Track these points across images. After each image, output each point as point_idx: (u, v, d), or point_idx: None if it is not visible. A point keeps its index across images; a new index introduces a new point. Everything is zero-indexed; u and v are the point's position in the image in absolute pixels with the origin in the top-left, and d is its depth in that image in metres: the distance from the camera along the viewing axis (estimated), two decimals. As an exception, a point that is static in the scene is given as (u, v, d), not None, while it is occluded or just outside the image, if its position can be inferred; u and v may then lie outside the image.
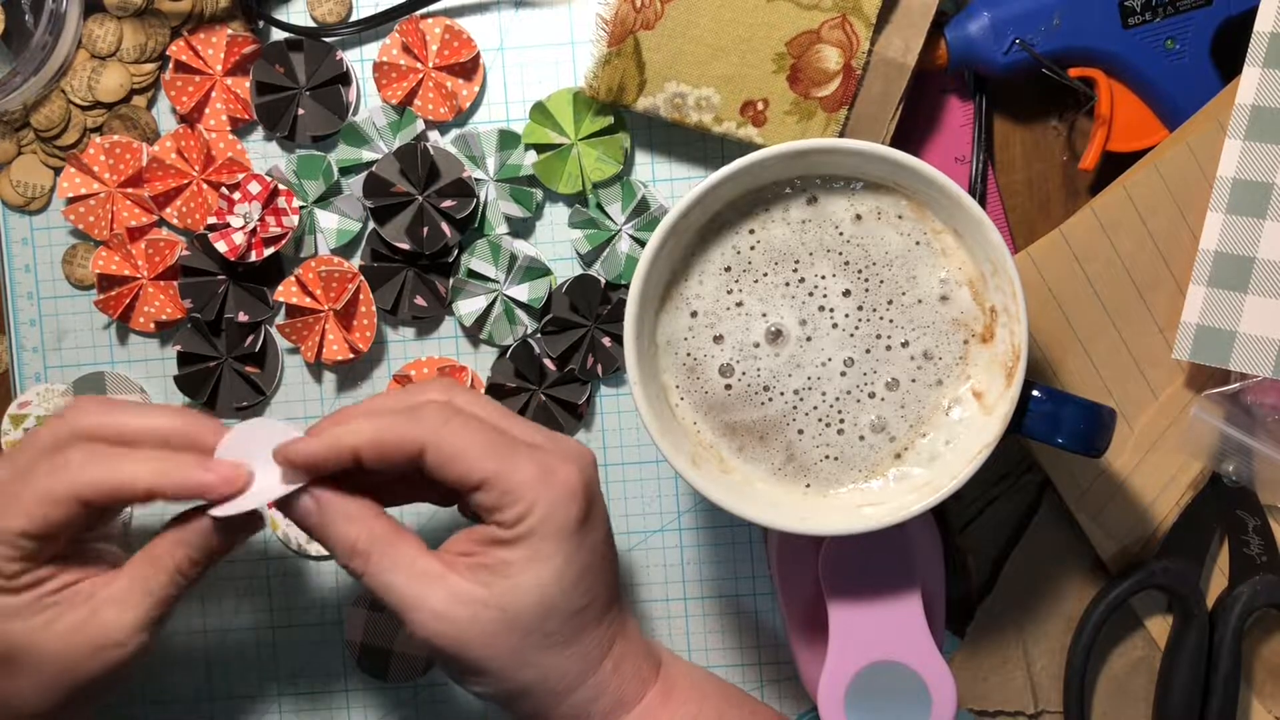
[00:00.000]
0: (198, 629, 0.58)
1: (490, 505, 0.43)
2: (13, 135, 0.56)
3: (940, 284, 0.47)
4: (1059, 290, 0.54)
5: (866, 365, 0.47)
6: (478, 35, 0.56)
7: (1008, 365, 0.46)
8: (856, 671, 0.48)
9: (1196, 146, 0.53)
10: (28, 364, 0.57)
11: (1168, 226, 0.54)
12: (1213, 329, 0.52)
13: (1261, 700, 0.56)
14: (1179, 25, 0.53)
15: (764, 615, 0.58)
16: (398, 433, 0.43)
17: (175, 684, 0.58)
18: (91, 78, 0.55)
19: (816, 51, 0.52)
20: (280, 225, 0.54)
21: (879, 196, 0.47)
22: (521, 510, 0.42)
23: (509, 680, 0.43)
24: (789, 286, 0.47)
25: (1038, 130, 0.57)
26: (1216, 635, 0.54)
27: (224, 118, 0.56)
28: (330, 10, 0.56)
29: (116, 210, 0.56)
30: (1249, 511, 0.55)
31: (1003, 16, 0.53)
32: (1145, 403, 0.55)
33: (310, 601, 0.58)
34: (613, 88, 0.53)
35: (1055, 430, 0.45)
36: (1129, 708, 0.56)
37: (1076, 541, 0.56)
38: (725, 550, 0.58)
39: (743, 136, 0.53)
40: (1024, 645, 0.56)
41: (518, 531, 0.43)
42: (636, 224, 0.55)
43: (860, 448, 0.48)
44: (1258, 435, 0.54)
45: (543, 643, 0.43)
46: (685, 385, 0.48)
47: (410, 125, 0.55)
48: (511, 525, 0.43)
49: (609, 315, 0.55)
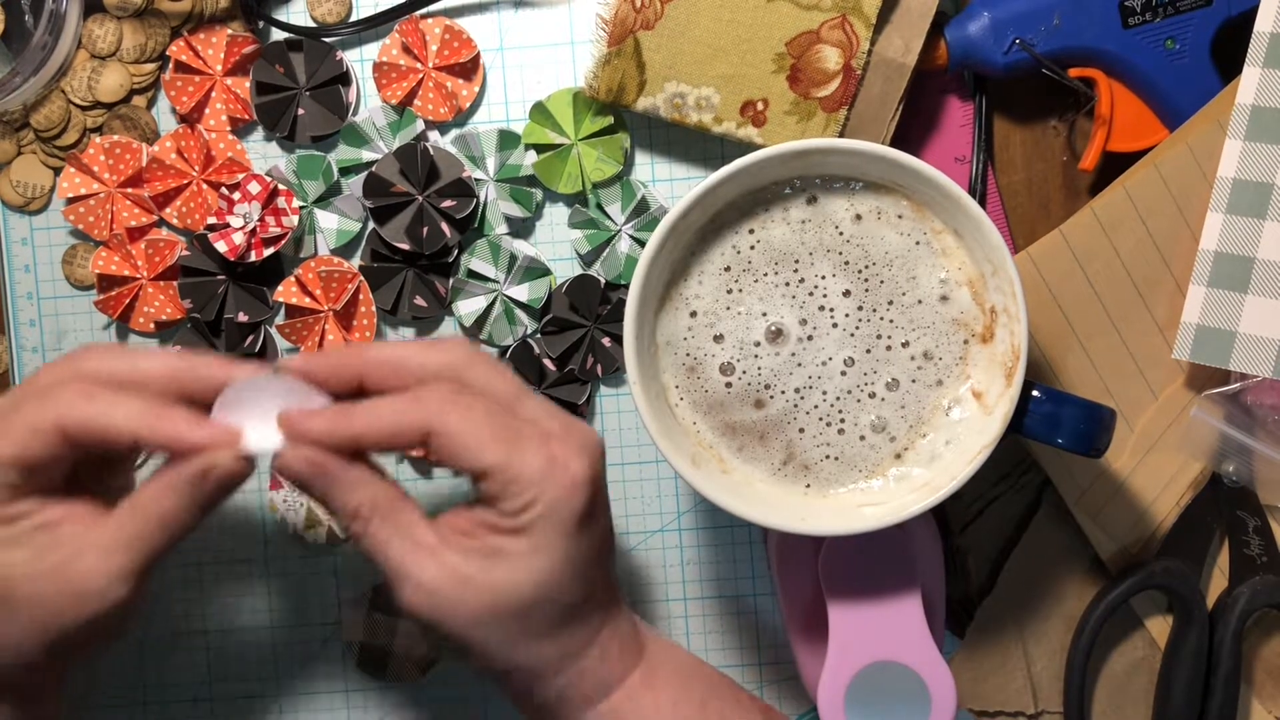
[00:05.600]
0: (198, 629, 0.58)
1: (494, 494, 0.42)
2: (13, 135, 0.56)
3: (940, 284, 0.47)
4: (1059, 290, 0.54)
5: (867, 365, 0.47)
6: (478, 35, 0.56)
7: (1008, 365, 0.46)
8: (856, 672, 0.48)
9: (1196, 146, 0.53)
10: (28, 364, 0.57)
11: (1168, 226, 0.54)
12: (1213, 329, 0.52)
13: (1261, 700, 0.56)
14: (1179, 25, 0.53)
15: (764, 615, 0.58)
16: (403, 422, 0.42)
17: (175, 684, 0.58)
18: (91, 78, 0.55)
19: (816, 51, 0.52)
20: (280, 225, 0.54)
21: (879, 196, 0.47)
22: (525, 502, 0.42)
23: (492, 660, 0.43)
24: (789, 286, 0.47)
25: (1038, 130, 0.57)
26: (1216, 635, 0.54)
27: (224, 118, 0.56)
28: (330, 10, 0.56)
29: (116, 210, 0.56)
30: (1249, 511, 0.55)
31: (1003, 16, 0.53)
32: (1145, 403, 0.55)
33: (310, 601, 0.58)
34: (613, 88, 0.53)
35: (1055, 430, 0.45)
36: (1129, 708, 0.56)
37: (1076, 541, 0.56)
38: (725, 550, 0.58)
39: (743, 136, 0.53)
40: (1024, 645, 0.56)
41: (519, 522, 0.42)
42: (636, 224, 0.55)
43: (860, 448, 0.48)
44: (1258, 435, 0.54)
45: (530, 630, 0.43)
46: (685, 385, 0.48)
47: (410, 125, 0.55)
48: (513, 515, 0.42)
49: (609, 315, 0.55)
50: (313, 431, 0.43)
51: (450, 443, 0.42)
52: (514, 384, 0.45)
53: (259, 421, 0.43)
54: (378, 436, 0.42)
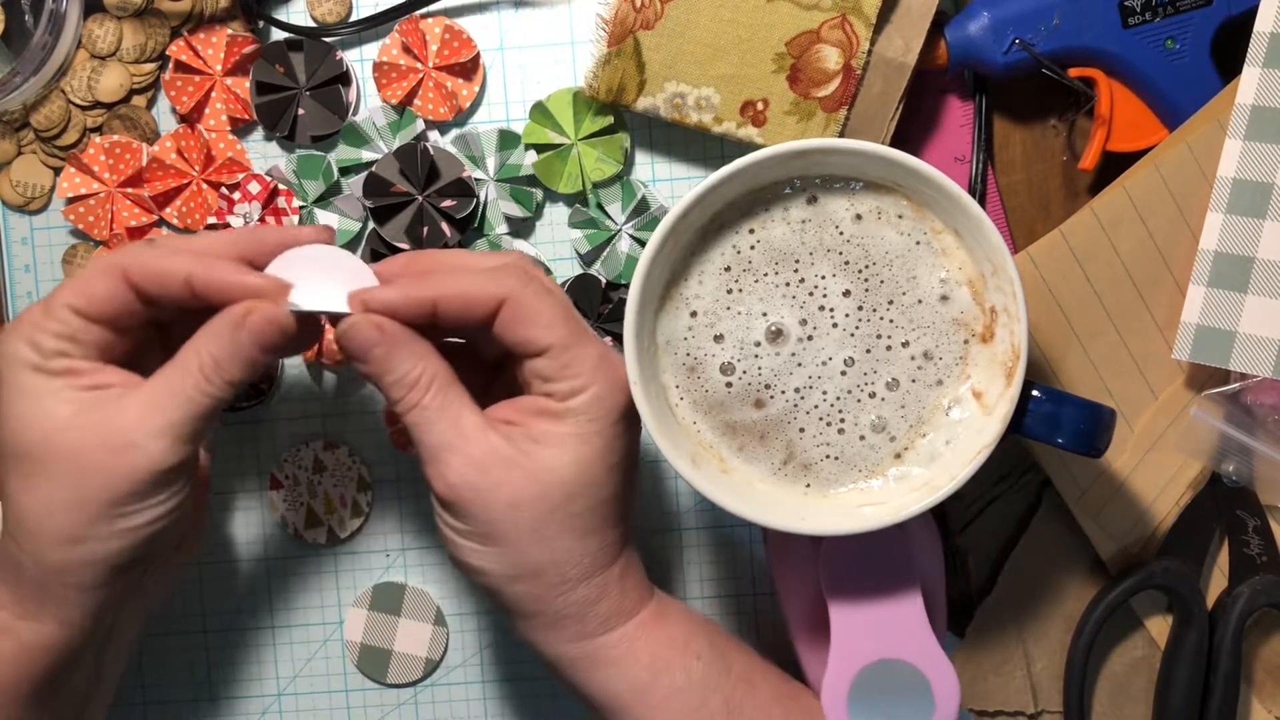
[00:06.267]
0: (197, 629, 0.58)
1: (549, 374, 0.43)
2: (13, 135, 0.56)
3: (940, 284, 0.47)
4: (1059, 290, 0.54)
5: (867, 365, 0.47)
6: (478, 35, 0.56)
7: (1008, 365, 0.46)
8: (859, 670, 0.48)
9: (1196, 146, 0.53)
10: (28, 364, 0.57)
11: (1168, 226, 0.54)
12: (1213, 329, 0.52)
13: (1261, 700, 0.56)
14: (1179, 25, 0.53)
15: (764, 615, 0.58)
16: (481, 288, 0.43)
17: (175, 684, 0.58)
18: (91, 78, 0.55)
19: (816, 51, 0.52)
20: (280, 225, 0.54)
21: (879, 196, 0.47)
22: (578, 385, 0.43)
23: (522, 554, 0.43)
24: (789, 286, 0.47)
25: (1038, 130, 0.57)
26: (1216, 635, 0.54)
27: (224, 118, 0.56)
28: (330, 10, 0.56)
29: (116, 210, 0.56)
30: (1249, 511, 0.55)
31: (1003, 16, 0.53)
32: (1145, 403, 0.55)
33: (310, 601, 0.58)
34: (613, 88, 0.53)
35: (1055, 430, 0.45)
36: (1129, 708, 0.56)
37: (1076, 541, 0.56)
38: (725, 550, 0.58)
39: (743, 136, 0.53)
40: (1024, 645, 0.56)
41: (569, 405, 0.43)
42: (637, 224, 0.55)
43: (860, 447, 0.48)
44: (1258, 435, 0.54)
45: (566, 522, 0.43)
46: (685, 385, 0.48)
47: (410, 125, 0.55)
48: (564, 398, 0.43)
49: (609, 315, 0.55)
50: (389, 299, 0.43)
51: (523, 313, 0.43)
52: (566, 299, 0.46)
53: (316, 286, 0.43)
54: (457, 300, 0.43)
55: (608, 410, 0.44)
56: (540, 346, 0.43)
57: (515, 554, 0.43)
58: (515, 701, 0.58)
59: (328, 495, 0.57)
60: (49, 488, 0.42)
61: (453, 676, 0.58)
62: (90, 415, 0.42)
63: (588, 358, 0.44)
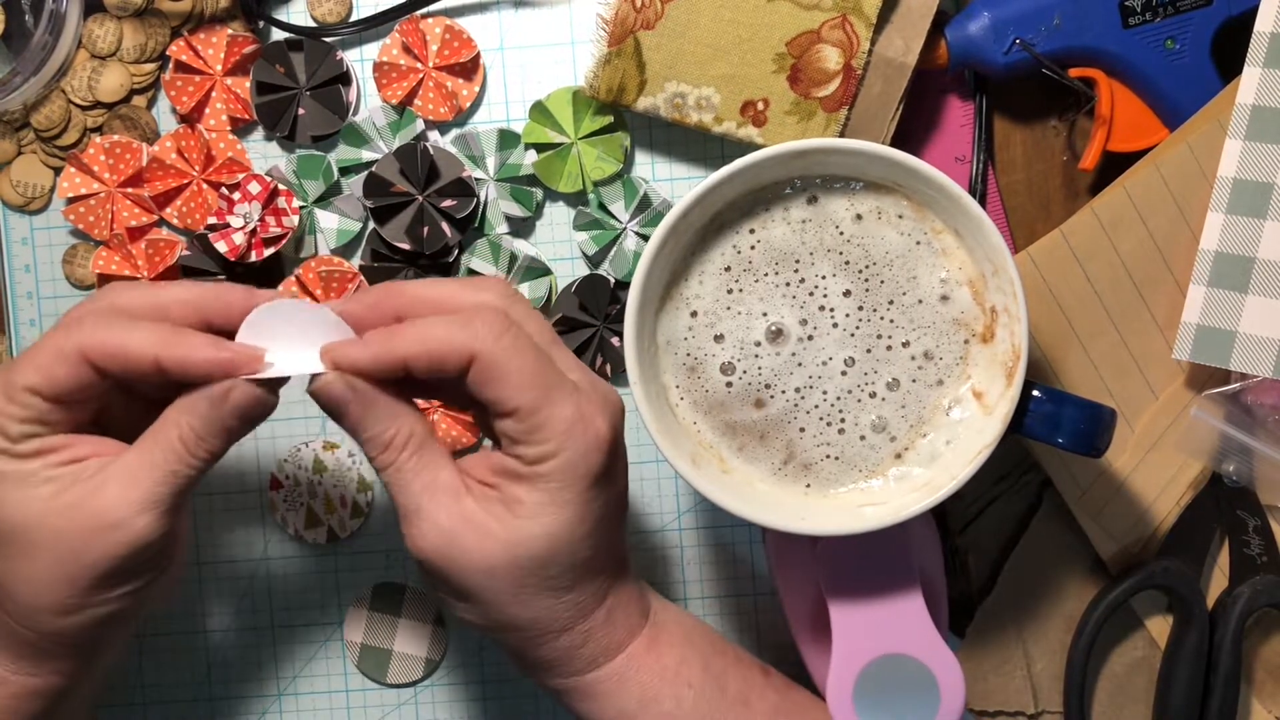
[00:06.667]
0: (198, 629, 0.58)
1: (516, 436, 0.42)
2: (13, 135, 0.56)
3: (940, 284, 0.47)
4: (1059, 290, 0.54)
5: (867, 365, 0.47)
6: (478, 35, 0.56)
7: (1008, 365, 0.46)
8: (863, 667, 0.48)
9: (1196, 146, 0.53)
10: (28, 364, 0.57)
11: (1168, 226, 0.54)
12: (1213, 329, 0.52)
13: (1261, 700, 0.56)
14: (1179, 25, 0.53)
15: (764, 615, 0.58)
16: (452, 343, 0.41)
17: (175, 684, 0.58)
18: (91, 78, 0.55)
19: (816, 51, 0.52)
20: (280, 225, 0.54)
21: (879, 196, 0.47)
22: (548, 450, 0.42)
23: (500, 612, 0.43)
24: (789, 286, 0.47)
25: (1038, 130, 0.57)
26: (1216, 635, 0.54)
27: (224, 118, 0.56)
28: (330, 10, 0.56)
29: (116, 210, 0.56)
30: (1249, 511, 0.55)
31: (1003, 16, 0.53)
32: (1145, 403, 0.55)
33: (310, 601, 0.58)
34: (613, 88, 0.53)
35: (1055, 430, 0.45)
36: (1129, 708, 0.56)
37: (1076, 541, 0.56)
38: (725, 550, 0.58)
39: (743, 136, 0.53)
40: (1024, 645, 0.56)
41: (537, 471, 0.42)
42: (641, 220, 0.55)
43: (861, 447, 0.48)
44: (1258, 435, 0.54)
45: (541, 585, 0.43)
46: (685, 385, 0.48)
47: (410, 125, 0.55)
48: (532, 463, 0.42)
49: (618, 315, 0.55)
50: (358, 359, 0.42)
51: (492, 372, 0.41)
52: (549, 330, 0.45)
53: (286, 346, 0.42)
54: (425, 359, 0.41)
55: (579, 476, 0.42)
56: (508, 408, 0.42)
57: (494, 611, 0.43)
58: (515, 701, 0.58)
59: (328, 495, 0.57)
60: (36, 568, 0.41)
61: (453, 676, 0.58)
62: (70, 495, 0.41)
63: (558, 420, 0.41)
